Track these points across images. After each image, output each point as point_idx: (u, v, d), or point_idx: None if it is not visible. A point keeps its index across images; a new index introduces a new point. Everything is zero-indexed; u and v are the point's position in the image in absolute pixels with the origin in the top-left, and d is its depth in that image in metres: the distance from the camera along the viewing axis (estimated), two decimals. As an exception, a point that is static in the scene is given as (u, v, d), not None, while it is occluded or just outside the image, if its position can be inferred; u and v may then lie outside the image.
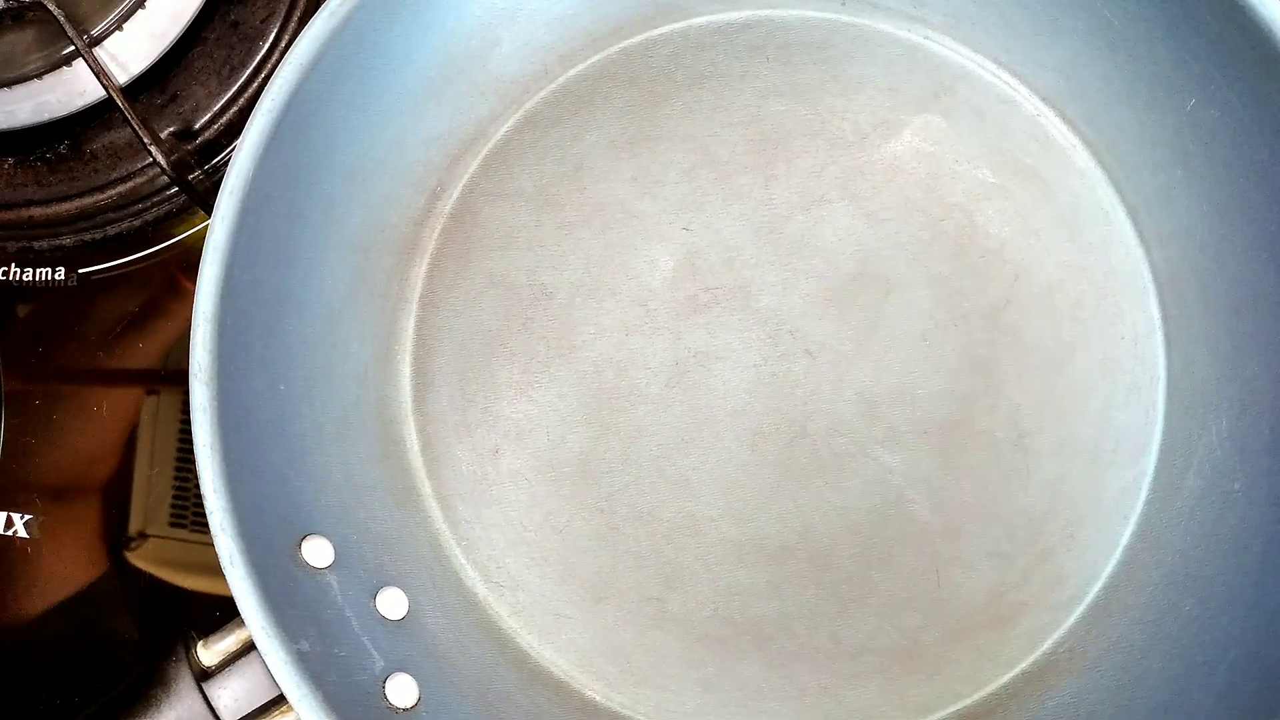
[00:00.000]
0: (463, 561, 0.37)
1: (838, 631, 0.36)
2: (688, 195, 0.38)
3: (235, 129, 0.39)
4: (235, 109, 0.39)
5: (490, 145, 0.38)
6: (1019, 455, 0.36)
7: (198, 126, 0.39)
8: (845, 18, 0.38)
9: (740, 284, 0.37)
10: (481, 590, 0.37)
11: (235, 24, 0.39)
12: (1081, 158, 0.37)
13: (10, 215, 0.39)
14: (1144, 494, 0.35)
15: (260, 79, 0.39)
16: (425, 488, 0.37)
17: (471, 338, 0.38)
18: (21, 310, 0.40)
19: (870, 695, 0.35)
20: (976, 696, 0.35)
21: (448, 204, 0.38)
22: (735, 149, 0.38)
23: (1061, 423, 0.36)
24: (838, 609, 0.36)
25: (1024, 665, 0.35)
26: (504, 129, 0.38)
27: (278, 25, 0.39)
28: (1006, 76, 0.37)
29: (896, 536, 0.36)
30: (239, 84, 0.39)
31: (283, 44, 0.39)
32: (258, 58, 0.39)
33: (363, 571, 0.34)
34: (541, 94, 0.38)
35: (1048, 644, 0.35)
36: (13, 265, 0.40)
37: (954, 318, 0.37)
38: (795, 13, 0.38)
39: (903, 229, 0.37)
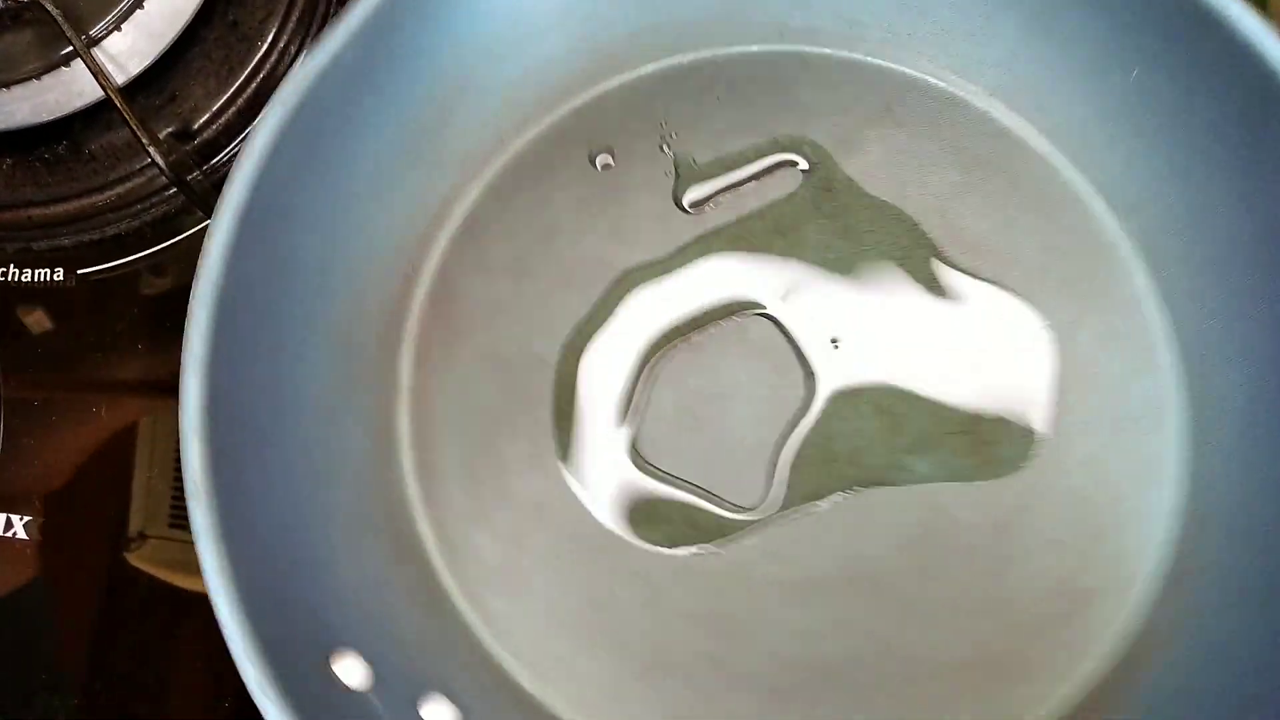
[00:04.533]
0: (506, 657, 0.34)
1: (910, 654, 0.33)
2: (665, 239, 0.36)
3: (233, 129, 0.39)
4: (234, 109, 0.38)
5: (458, 221, 0.37)
6: (1048, 439, 0.35)
7: (196, 127, 0.38)
8: (785, 47, 0.37)
9: (735, 318, 0.36)
10: (531, 685, 0.33)
11: (234, 24, 0.39)
12: (1039, 143, 0.37)
13: (9, 216, 0.38)
14: (1182, 454, 0.34)
15: (259, 79, 0.38)
16: (449, 585, 0.34)
17: (471, 419, 0.35)
18: (20, 311, 0.39)
19: (965, 713, 0.33)
20: (1072, 691, 0.33)
21: (424, 286, 0.36)
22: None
23: (1082, 401, 0.35)
24: (903, 631, 0.33)
25: (1110, 649, 0.33)
26: (469, 203, 0.37)
27: (276, 25, 0.38)
28: (951, 78, 0.37)
29: (947, 543, 0.34)
30: (237, 84, 0.38)
31: (281, 44, 0.38)
32: (256, 58, 0.38)
33: (401, 684, 0.31)
34: (501, 163, 0.37)
35: (1127, 623, 0.34)
36: (11, 266, 0.39)
37: (951, 313, 0.36)
38: (736, 49, 0.37)
39: (882, 238, 0.36)
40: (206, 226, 0.38)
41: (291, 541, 0.31)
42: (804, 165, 0.37)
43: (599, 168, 0.37)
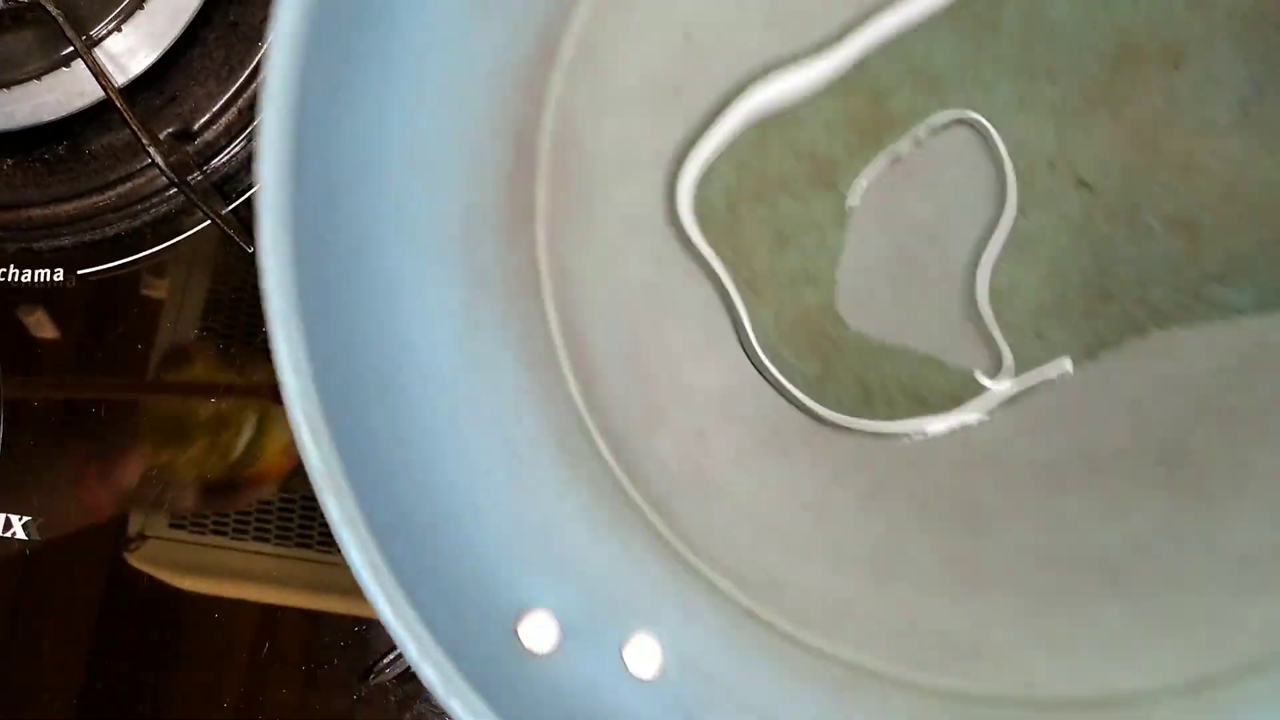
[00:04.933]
0: (710, 575, 0.27)
1: (1215, 540, 0.25)
2: (847, 23, 0.26)
3: (234, 130, 0.38)
4: (234, 109, 0.38)
5: (571, 49, 0.28)
6: None
7: (196, 127, 0.38)
8: None
9: (955, 117, 0.26)
10: (744, 603, 0.27)
11: (234, 24, 0.38)
12: None
13: (9, 216, 0.38)
14: None
15: (259, 79, 0.38)
16: (635, 498, 0.28)
17: (626, 302, 0.28)
18: (21, 311, 0.39)
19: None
20: None
21: (542, 146, 0.28)
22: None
23: None
24: (1207, 511, 0.25)
25: None
26: (581, 20, 0.28)
27: (276, 25, 0.38)
28: None
29: (1269, 395, 0.25)
30: (238, 84, 0.38)
31: (281, 44, 0.38)
32: (257, 58, 0.38)
33: (597, 630, 0.26)
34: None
35: None
36: (12, 266, 0.39)
37: None
38: None
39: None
40: (206, 227, 0.38)
41: (448, 502, 0.25)
42: None
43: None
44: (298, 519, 0.37)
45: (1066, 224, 0.26)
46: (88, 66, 0.36)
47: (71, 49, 0.36)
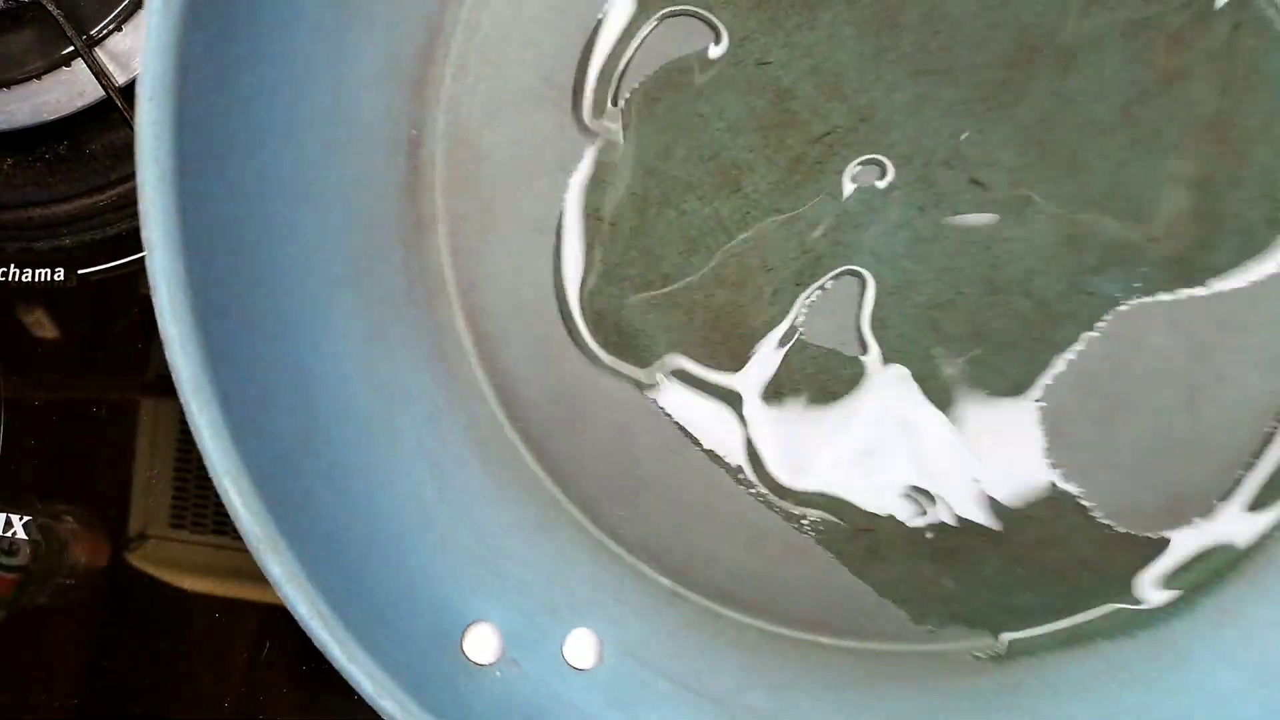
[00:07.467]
0: (637, 564, 0.29)
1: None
2: (758, 16, 0.27)
3: (233, 129, 0.38)
4: (234, 109, 0.38)
5: (457, 44, 0.28)
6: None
7: (197, 127, 0.38)
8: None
9: (858, 119, 0.27)
10: (667, 584, 0.29)
11: (235, 24, 0.39)
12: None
13: (10, 216, 0.38)
14: None
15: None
16: (562, 500, 0.29)
17: (536, 306, 0.29)
18: (21, 311, 0.38)
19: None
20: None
21: (436, 151, 0.28)
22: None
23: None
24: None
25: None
26: (464, 10, 0.28)
27: (277, 26, 0.38)
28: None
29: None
30: (238, 84, 0.38)
31: (282, 44, 0.38)
32: (257, 58, 0.38)
33: (537, 633, 0.27)
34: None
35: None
36: (12, 266, 0.38)
37: (1165, 73, 0.26)
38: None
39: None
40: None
41: (379, 531, 0.25)
42: None
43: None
44: (303, 515, 0.37)
45: (961, 229, 0.27)
46: (88, 66, 0.35)
47: (72, 48, 0.36)
